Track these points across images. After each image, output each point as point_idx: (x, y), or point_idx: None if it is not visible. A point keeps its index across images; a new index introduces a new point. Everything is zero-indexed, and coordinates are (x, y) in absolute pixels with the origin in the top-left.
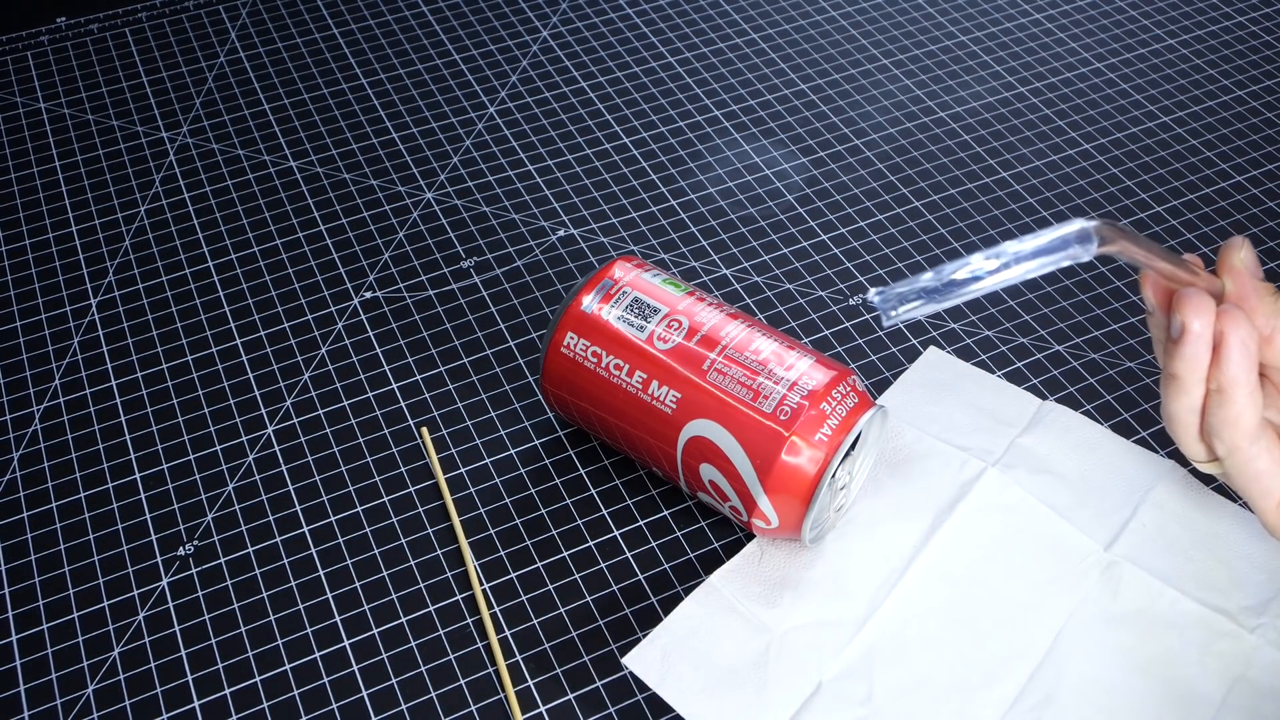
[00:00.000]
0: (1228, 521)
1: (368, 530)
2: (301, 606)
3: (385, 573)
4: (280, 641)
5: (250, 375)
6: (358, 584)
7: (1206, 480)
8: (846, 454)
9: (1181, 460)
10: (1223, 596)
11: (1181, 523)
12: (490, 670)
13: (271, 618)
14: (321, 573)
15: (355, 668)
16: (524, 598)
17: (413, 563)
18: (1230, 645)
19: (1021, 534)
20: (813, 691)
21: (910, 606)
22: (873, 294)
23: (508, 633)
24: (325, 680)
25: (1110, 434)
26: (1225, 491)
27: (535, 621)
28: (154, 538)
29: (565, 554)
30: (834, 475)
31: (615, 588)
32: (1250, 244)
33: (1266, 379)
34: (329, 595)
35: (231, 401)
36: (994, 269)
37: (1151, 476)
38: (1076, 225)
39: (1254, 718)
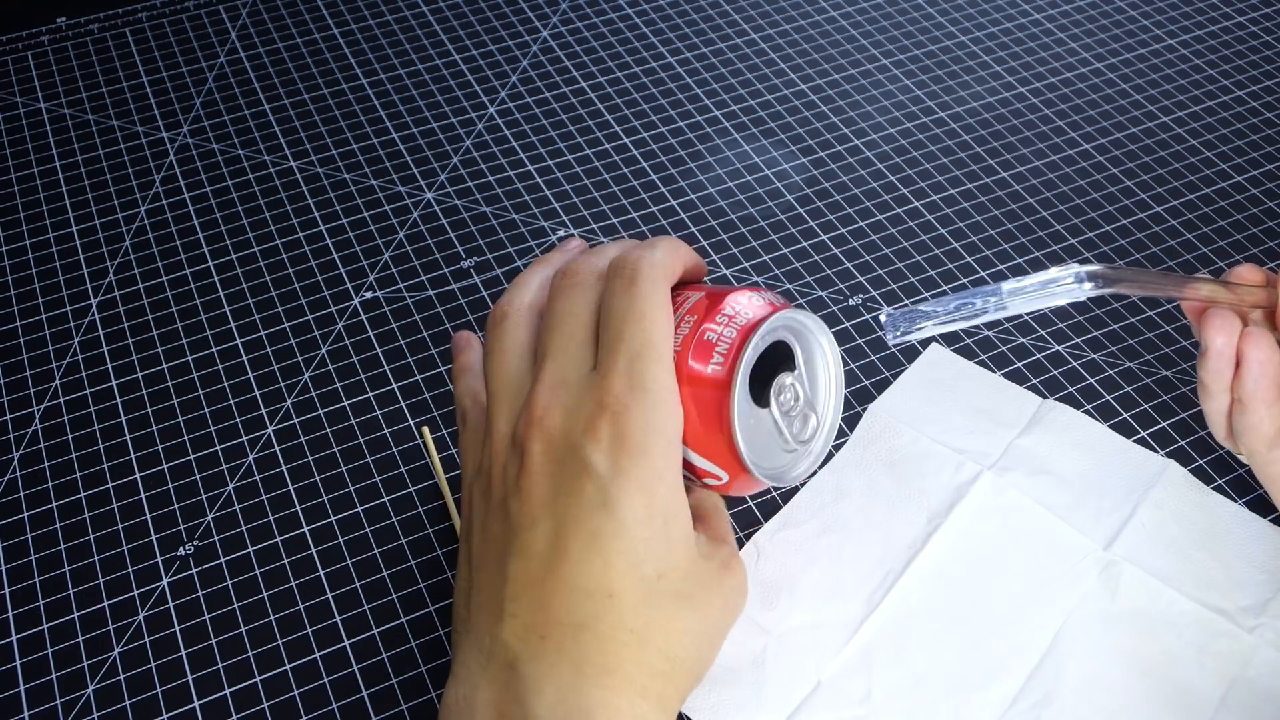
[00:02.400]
0: (1227, 521)
1: (368, 530)
2: (301, 606)
3: (385, 573)
4: (280, 641)
5: (250, 375)
6: (358, 584)
7: (1207, 480)
8: (774, 374)
9: (1182, 460)
10: (1221, 596)
11: (1181, 522)
12: None
13: (271, 618)
14: (321, 573)
15: (355, 668)
16: None
17: (413, 563)
18: (1228, 645)
19: (1020, 534)
20: (811, 690)
21: (909, 606)
22: (884, 313)
23: None
24: (325, 680)
25: (1110, 434)
26: (1225, 491)
27: None
28: (154, 538)
29: None
30: (761, 399)
31: None
32: None
33: None
34: (329, 595)
35: (231, 401)
36: (991, 309)
37: (1151, 476)
38: (1072, 269)
39: (1252, 718)
